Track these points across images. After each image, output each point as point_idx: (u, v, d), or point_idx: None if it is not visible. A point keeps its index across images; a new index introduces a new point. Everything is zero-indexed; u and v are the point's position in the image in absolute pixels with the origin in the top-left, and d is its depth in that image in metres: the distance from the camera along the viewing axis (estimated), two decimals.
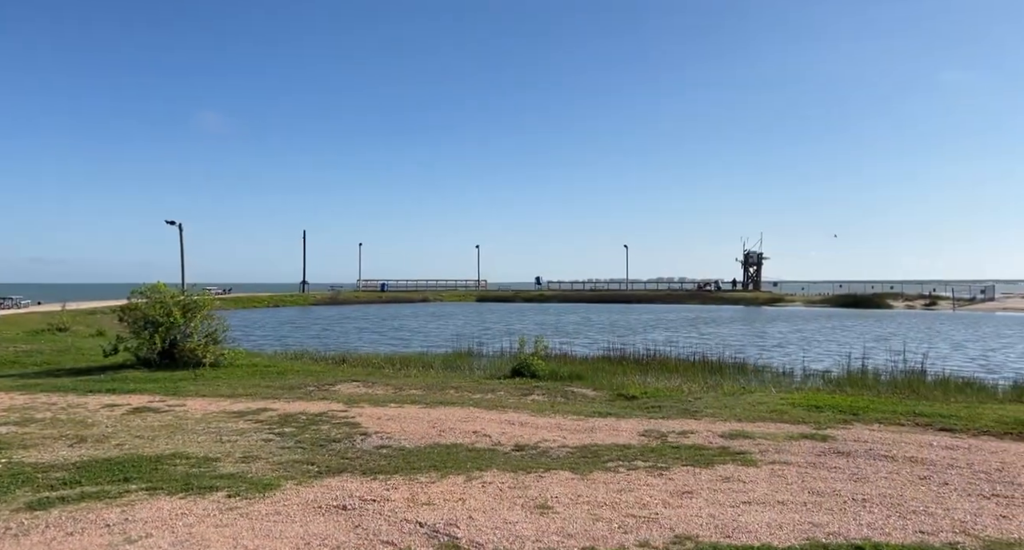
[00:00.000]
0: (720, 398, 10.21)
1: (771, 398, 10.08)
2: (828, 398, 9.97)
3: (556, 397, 10.51)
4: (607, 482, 5.42)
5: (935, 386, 12.53)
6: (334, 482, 5.35)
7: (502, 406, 9.34)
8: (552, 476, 5.58)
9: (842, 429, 7.72)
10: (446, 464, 5.95)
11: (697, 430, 7.67)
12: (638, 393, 10.73)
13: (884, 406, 9.28)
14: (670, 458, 6.27)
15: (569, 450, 6.66)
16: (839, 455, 6.43)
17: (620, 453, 6.50)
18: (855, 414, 8.62)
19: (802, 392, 11.31)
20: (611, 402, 10.08)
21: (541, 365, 13.16)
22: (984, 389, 12.47)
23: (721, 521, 4.46)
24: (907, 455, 6.40)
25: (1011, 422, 7.90)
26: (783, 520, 4.46)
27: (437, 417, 8.32)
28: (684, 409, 9.16)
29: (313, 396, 10.23)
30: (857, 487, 5.29)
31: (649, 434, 7.45)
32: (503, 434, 7.38)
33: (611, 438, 7.26)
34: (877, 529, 4.27)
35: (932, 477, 5.61)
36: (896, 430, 7.73)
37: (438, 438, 7.14)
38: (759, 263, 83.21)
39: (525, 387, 11.45)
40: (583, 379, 12.81)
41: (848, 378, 14.05)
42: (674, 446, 6.83)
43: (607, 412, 8.91)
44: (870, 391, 11.90)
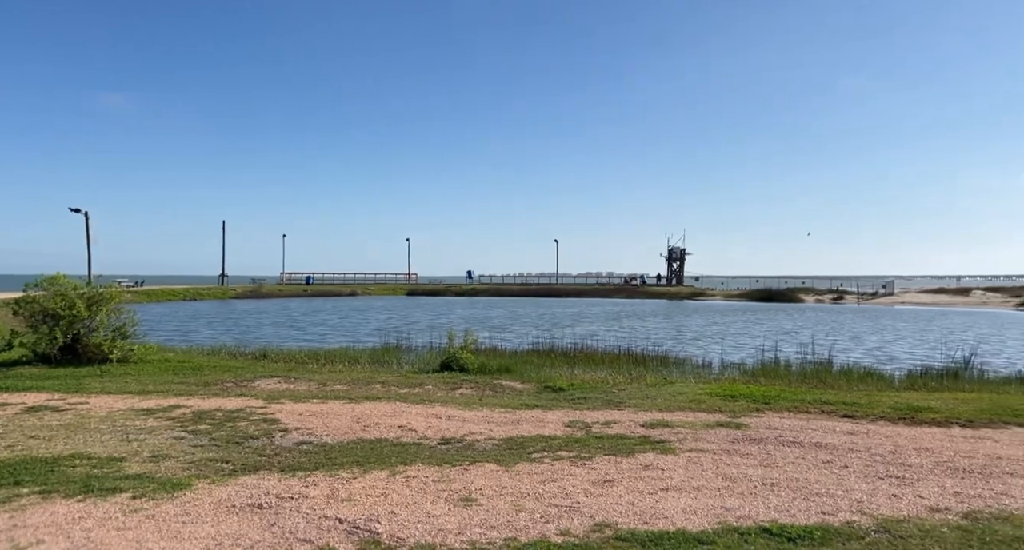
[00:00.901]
0: (643, 389, 10.51)
1: (691, 388, 10.45)
2: (743, 388, 10.44)
3: (484, 390, 10.53)
4: (532, 473, 5.46)
5: (840, 376, 13.33)
6: (250, 480, 5.15)
7: (430, 400, 9.27)
8: (477, 469, 5.58)
9: (755, 417, 8.09)
10: (369, 459, 5.84)
11: (620, 420, 7.86)
12: (565, 385, 10.89)
13: (794, 395, 9.80)
14: (593, 448, 6.39)
15: (495, 443, 6.68)
16: (751, 442, 6.74)
17: (545, 444, 6.57)
18: (767, 403, 9.06)
19: (719, 382, 11.79)
20: (538, 394, 10.18)
21: (470, 359, 13.14)
22: (883, 378, 13.37)
23: (640, 508, 4.58)
24: (813, 441, 6.78)
25: (904, 408, 8.51)
26: (698, 505, 4.63)
27: (362, 412, 8.16)
28: (609, 400, 9.36)
29: (230, 392, 9.82)
30: (767, 472, 5.56)
31: (574, 425, 7.57)
32: (429, 428, 7.32)
33: (537, 430, 7.33)
34: (783, 511, 4.50)
35: (834, 461, 5.97)
36: (804, 417, 8.18)
37: (362, 433, 7.01)
38: (682, 259, 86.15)
39: (454, 381, 11.40)
40: (512, 372, 12.88)
41: (762, 369, 14.74)
42: (598, 436, 6.97)
43: (534, 404, 9.00)
44: (782, 381, 12.54)
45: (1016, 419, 7.91)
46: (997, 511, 4.48)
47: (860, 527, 4.17)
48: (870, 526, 4.18)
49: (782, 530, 4.07)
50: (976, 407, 8.65)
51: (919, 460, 5.98)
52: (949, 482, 5.22)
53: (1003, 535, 4.00)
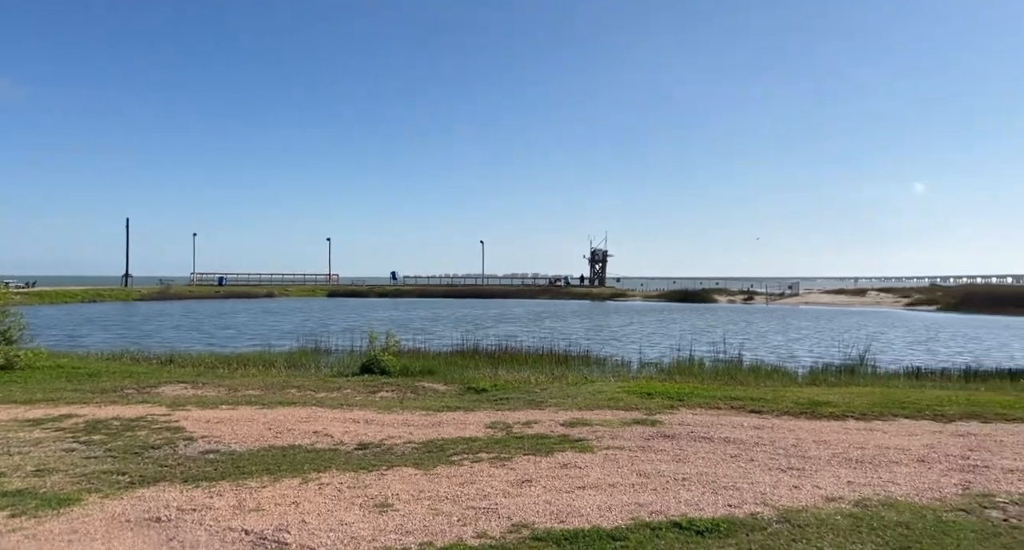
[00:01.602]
0: (564, 388, 10.64)
1: (610, 387, 10.68)
2: (659, 386, 10.76)
3: (406, 393, 10.36)
4: (450, 476, 5.41)
5: (749, 373, 13.99)
6: (148, 493, 4.83)
7: (348, 404, 9.03)
8: (395, 473, 5.47)
9: (669, 414, 8.35)
10: (280, 467, 5.62)
11: (541, 420, 7.92)
12: (488, 386, 10.88)
13: (706, 392, 10.19)
14: (514, 449, 6.41)
15: (415, 446, 6.58)
16: (665, 438, 6.95)
17: (466, 446, 6.53)
18: (681, 400, 9.38)
19: (637, 381, 12.11)
20: (461, 396, 10.13)
21: (392, 361, 12.90)
22: (787, 374, 14.14)
23: (557, 507, 4.62)
24: (722, 436, 7.06)
25: (806, 403, 9.02)
26: (613, 502, 4.72)
27: (275, 418, 7.85)
28: (530, 400, 9.43)
29: (131, 400, 9.22)
30: (679, 467, 5.74)
31: (495, 426, 7.56)
32: (346, 433, 7.13)
33: (458, 432, 7.27)
34: (693, 505, 4.66)
35: (741, 455, 6.24)
36: (715, 413, 8.51)
37: (274, 440, 6.73)
38: (604, 260, 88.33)
39: (374, 384, 11.17)
40: (435, 374, 12.75)
41: (677, 367, 15.27)
42: (518, 437, 6.99)
43: (456, 406, 8.94)
44: (695, 378, 13.03)
45: (903, 411, 8.54)
46: (884, 498, 4.80)
47: (763, 518, 4.37)
48: (772, 517, 4.39)
49: (691, 524, 4.21)
50: (869, 401, 9.28)
51: (818, 452, 6.34)
52: (843, 472, 5.57)
53: (888, 520, 4.29)
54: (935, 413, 8.36)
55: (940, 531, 4.09)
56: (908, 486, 5.11)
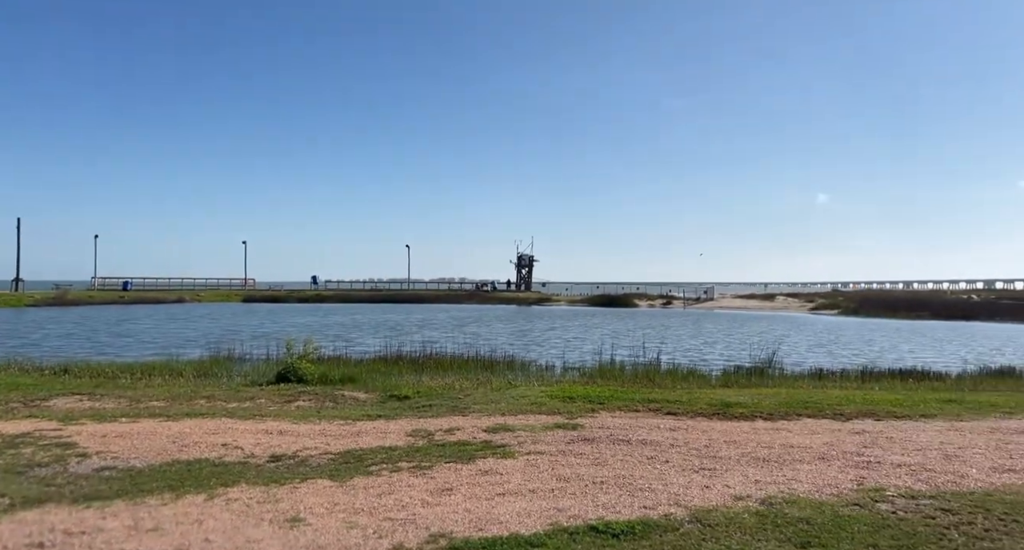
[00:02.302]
0: (488, 394, 10.62)
1: (533, 392, 10.74)
2: (581, 389, 10.92)
3: (324, 402, 10.05)
4: (368, 487, 5.27)
5: (666, 375, 14.44)
6: (31, 516, 4.44)
7: (261, 415, 8.65)
8: (308, 486, 5.28)
9: (590, 417, 8.49)
10: (184, 483, 5.30)
11: (464, 427, 7.86)
12: (411, 393, 10.71)
13: (626, 394, 10.42)
14: (435, 457, 6.32)
15: (331, 457, 6.37)
16: (585, 442, 7.05)
17: (385, 455, 6.39)
18: (602, 403, 9.55)
19: (560, 385, 12.25)
20: (382, 404, 9.92)
21: (310, 369, 12.50)
22: (702, 377, 14.69)
23: (476, 515, 4.58)
24: (640, 438, 7.23)
25: (718, 404, 9.39)
26: (532, 508, 4.73)
27: (180, 431, 7.41)
28: (454, 406, 9.35)
29: (16, 414, 8.48)
30: (597, 470, 5.83)
31: (417, 434, 7.45)
32: (258, 445, 6.82)
33: (378, 441, 7.11)
34: (610, 508, 4.73)
35: (657, 456, 6.41)
36: (633, 416, 8.72)
37: (178, 454, 6.35)
38: (530, 265, 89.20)
39: (290, 393, 10.77)
40: (355, 382, 12.44)
41: (599, 370, 15.57)
42: (440, 444, 6.91)
43: (377, 415, 8.74)
44: (616, 381, 13.32)
45: (807, 410, 9.04)
46: (788, 495, 5.05)
47: (676, 519, 4.49)
48: (684, 517, 4.52)
49: (608, 527, 4.27)
50: (776, 401, 9.76)
51: (728, 452, 6.60)
52: (751, 471, 5.81)
53: (791, 517, 4.51)
54: (835, 412, 8.89)
55: (837, 525, 4.34)
56: (809, 483, 5.39)
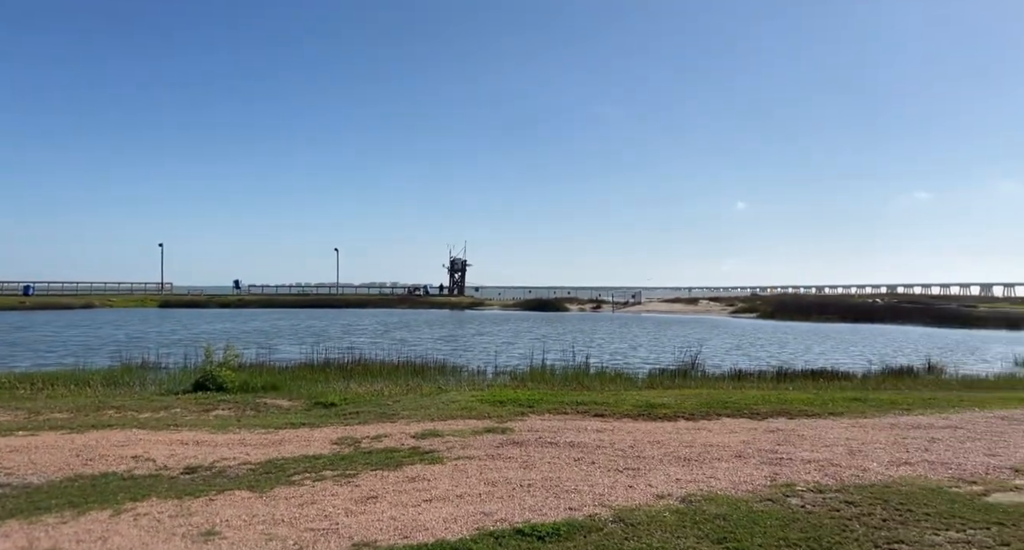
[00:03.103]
0: (418, 399, 10.51)
1: (464, 396, 10.71)
2: (511, 393, 10.97)
3: (245, 411, 9.67)
4: (289, 497, 5.10)
5: (595, 378, 14.72)
6: None
7: (176, 425, 8.24)
8: (225, 498, 5.06)
9: (519, 421, 8.53)
10: (88, 499, 4.97)
11: (391, 433, 7.74)
12: (337, 400, 10.45)
13: (555, 397, 10.55)
14: (360, 464, 6.19)
15: (251, 467, 6.13)
16: (514, 445, 7.08)
17: (309, 464, 6.21)
18: (531, 406, 9.62)
19: (491, 389, 12.26)
20: (307, 412, 9.64)
21: (230, 376, 11.99)
22: (629, 379, 15.05)
23: (402, 522, 4.52)
24: (567, 440, 7.33)
25: (643, 405, 9.64)
26: (459, 513, 4.70)
27: (85, 444, 6.95)
28: (382, 413, 9.20)
29: None
30: (525, 474, 5.87)
31: (343, 442, 7.28)
32: (172, 456, 6.48)
33: (301, 450, 6.90)
34: (537, 511, 4.77)
35: (584, 458, 6.51)
36: (562, 418, 8.83)
37: (82, 468, 5.96)
38: (463, 269, 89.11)
39: (208, 402, 10.31)
40: (279, 389, 12.04)
41: (530, 374, 15.69)
42: (366, 451, 6.78)
43: (301, 422, 8.49)
44: (547, 385, 13.46)
45: (726, 410, 9.41)
46: (706, 492, 5.24)
47: (600, 519, 4.57)
48: (608, 517, 4.61)
49: (533, 529, 4.30)
50: (698, 401, 10.12)
51: (652, 452, 6.78)
52: (673, 470, 6.00)
53: (709, 514, 4.68)
54: (752, 411, 9.30)
55: (751, 521, 4.53)
56: (727, 480, 5.61)
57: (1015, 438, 7.54)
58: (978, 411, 9.58)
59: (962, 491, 5.32)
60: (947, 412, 9.45)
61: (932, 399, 10.83)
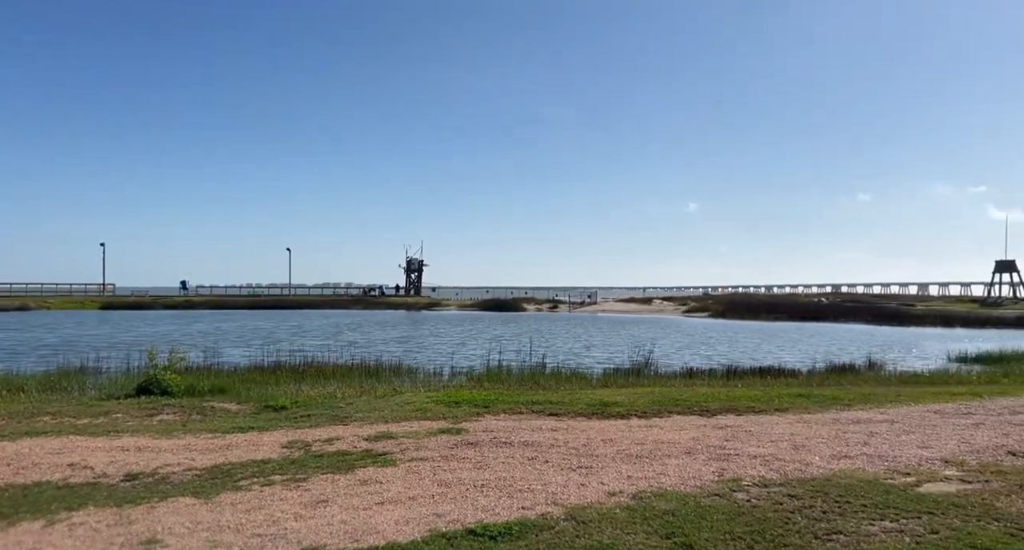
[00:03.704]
0: (372, 401, 10.39)
1: (419, 397, 10.63)
2: (467, 394, 10.95)
3: (191, 415, 9.39)
4: (236, 503, 4.98)
5: (551, 377, 14.81)
6: None
7: (117, 431, 7.93)
8: (168, 505, 4.90)
9: (474, 421, 8.52)
10: (19, 509, 4.74)
11: (344, 436, 7.63)
12: (288, 403, 10.23)
13: (511, 397, 10.57)
14: (311, 468, 6.08)
15: (196, 473, 5.96)
16: (469, 446, 7.07)
17: (257, 469, 6.07)
18: (487, 406, 9.62)
19: (447, 390, 12.21)
20: (256, 415, 9.41)
21: (176, 380, 11.61)
22: (584, 378, 15.20)
23: (353, 526, 4.46)
24: (522, 440, 7.36)
25: (597, 404, 9.75)
26: (411, 515, 4.67)
27: (17, 452, 6.63)
28: (334, 415, 9.05)
29: None
30: (479, 474, 5.86)
31: (293, 445, 7.13)
32: (112, 463, 6.24)
33: (249, 454, 6.74)
34: (490, 511, 4.77)
35: (538, 457, 6.55)
36: (517, 418, 8.86)
37: (13, 478, 5.68)
38: (420, 270, 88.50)
39: (152, 406, 9.96)
40: (227, 392, 11.72)
41: (487, 374, 15.69)
42: (317, 455, 6.66)
43: (249, 426, 8.28)
44: (503, 385, 13.48)
45: (677, 407, 9.60)
46: (656, 489, 5.33)
47: (552, 517, 4.61)
48: (561, 515, 4.65)
49: (486, 529, 4.30)
50: (650, 400, 10.29)
51: (605, 450, 6.87)
52: (625, 467, 6.08)
53: (659, 510, 4.77)
54: (701, 409, 9.51)
55: (699, 515, 4.64)
56: (676, 477, 5.72)
57: (946, 431, 7.92)
58: (913, 405, 10.02)
59: (897, 482, 5.56)
60: (885, 407, 9.85)
61: (872, 394, 11.27)
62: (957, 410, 9.55)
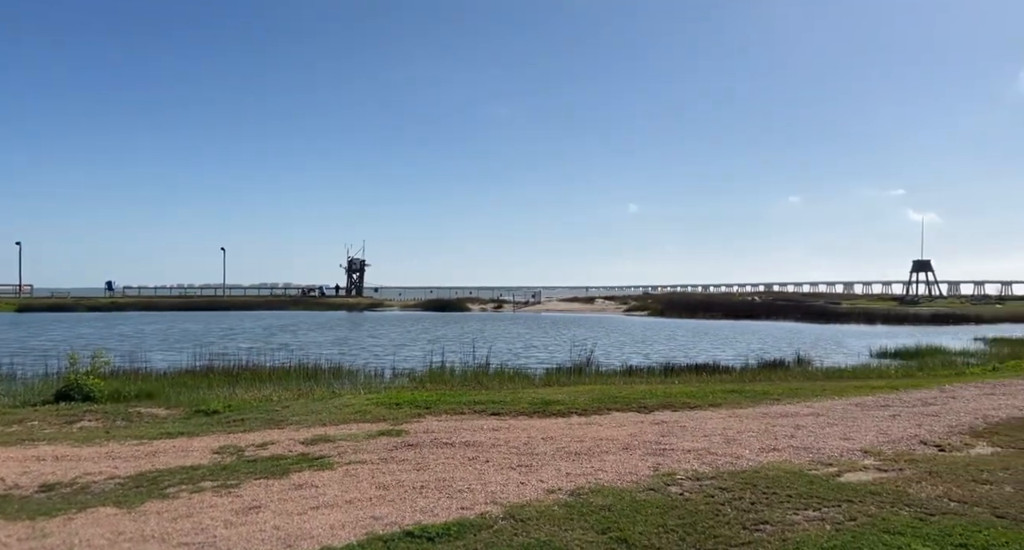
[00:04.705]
0: (309, 404, 10.15)
1: (358, 400, 10.46)
2: (408, 395, 10.84)
3: (115, 421, 8.95)
4: (161, 511, 4.77)
5: (494, 377, 14.84)
6: None
7: (32, 439, 7.48)
8: (87, 516, 4.65)
9: (415, 423, 8.45)
10: None
11: (279, 440, 7.43)
12: (221, 407, 9.88)
13: (453, 397, 10.53)
14: (243, 473, 5.90)
15: (119, 481, 5.68)
16: (409, 447, 7.00)
17: (185, 476, 5.84)
18: (428, 407, 9.55)
19: (388, 391, 12.05)
20: (187, 420, 9.05)
21: (99, 385, 11.03)
22: (527, 377, 15.30)
23: (286, 532, 4.35)
24: (463, 440, 7.34)
25: (539, 402, 9.83)
26: (347, 519, 4.59)
27: None
28: (270, 419, 8.80)
29: None
30: (418, 475, 5.82)
31: (225, 450, 6.90)
32: (25, 474, 5.88)
33: (178, 460, 6.47)
34: (428, 512, 4.74)
35: (479, 457, 6.55)
36: (459, 418, 8.83)
37: None
38: (362, 269, 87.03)
39: (73, 413, 9.43)
40: (155, 397, 11.22)
41: (429, 375, 15.58)
42: (251, 460, 6.46)
43: (179, 432, 7.96)
44: (446, 385, 13.42)
45: (616, 405, 9.78)
46: (594, 485, 5.42)
47: (491, 516, 4.62)
48: (499, 514, 4.67)
49: (424, 531, 4.27)
50: (590, 397, 10.45)
51: (545, 448, 6.93)
52: (564, 465, 6.16)
53: (595, 505, 4.85)
54: (640, 405, 9.72)
55: (634, 510, 4.74)
56: (613, 472, 5.83)
57: (866, 422, 8.36)
58: (837, 399, 10.53)
59: (820, 473, 5.83)
60: (811, 401, 10.32)
61: (799, 389, 11.79)
62: (876, 403, 10.10)
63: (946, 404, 9.94)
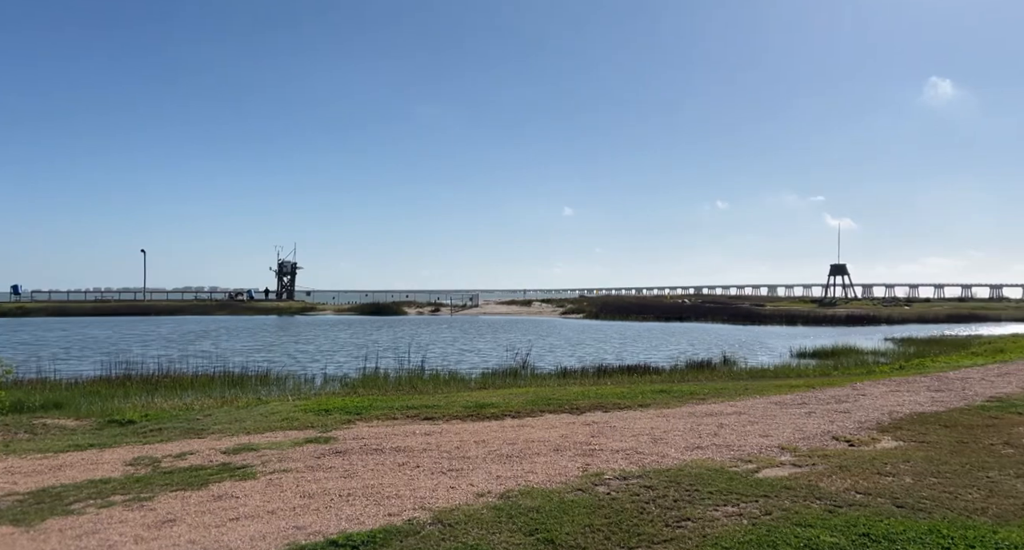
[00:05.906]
0: (233, 412, 9.76)
1: (286, 407, 10.14)
2: (338, 401, 10.59)
3: (16, 434, 8.34)
4: (65, 529, 4.47)
5: (429, 381, 14.73)
6: None
7: None
8: None
9: (345, 429, 8.26)
10: None
11: (198, 450, 7.11)
12: (137, 417, 9.37)
13: (386, 403, 10.36)
14: (158, 486, 5.61)
15: (18, 498, 5.29)
16: (337, 454, 6.83)
17: (94, 490, 5.50)
18: (359, 413, 9.36)
19: (317, 398, 11.76)
20: (98, 431, 8.54)
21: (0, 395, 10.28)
22: (463, 380, 15.25)
23: (202, 545, 4.16)
24: (394, 446, 7.23)
25: (473, 406, 9.80)
26: (268, 530, 4.43)
27: None
28: (189, 428, 8.41)
29: None
30: (346, 483, 5.68)
31: (139, 462, 6.54)
32: None
33: (86, 474, 6.09)
34: (354, 520, 4.63)
35: (409, 462, 6.46)
36: (390, 423, 8.69)
37: None
38: (293, 273, 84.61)
39: None
40: (64, 407, 10.55)
41: (363, 380, 15.31)
42: (167, 472, 6.15)
43: (89, 444, 7.49)
44: (379, 390, 13.21)
45: (549, 407, 9.86)
46: (524, 487, 5.44)
47: (419, 522, 4.56)
48: (427, 519, 4.61)
49: (348, 539, 4.17)
50: (525, 400, 10.50)
51: (476, 451, 6.91)
52: (495, 468, 6.15)
53: (524, 507, 4.86)
54: (572, 407, 9.84)
55: (562, 510, 4.78)
56: (543, 474, 5.87)
57: (784, 420, 8.75)
58: (759, 398, 10.98)
59: (740, 470, 6.06)
60: (735, 400, 10.72)
61: (724, 389, 12.22)
62: (794, 401, 10.58)
63: (857, 401, 10.52)
